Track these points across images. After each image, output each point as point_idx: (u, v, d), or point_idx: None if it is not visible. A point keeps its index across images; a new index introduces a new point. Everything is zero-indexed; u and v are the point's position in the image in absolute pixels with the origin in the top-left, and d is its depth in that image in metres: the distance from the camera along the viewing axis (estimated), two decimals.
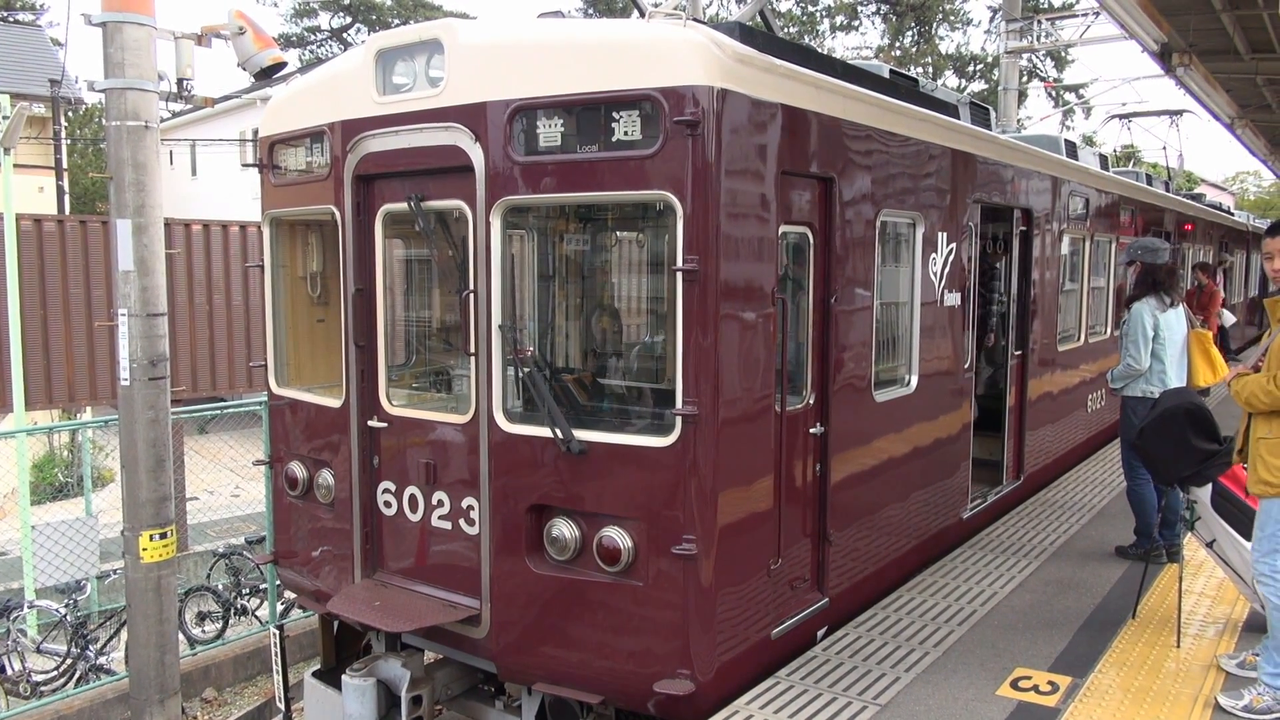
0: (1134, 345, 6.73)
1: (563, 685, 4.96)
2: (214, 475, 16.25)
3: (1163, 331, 6.70)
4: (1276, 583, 4.66)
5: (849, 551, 5.88)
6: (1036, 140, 9.46)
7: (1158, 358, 6.71)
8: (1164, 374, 6.71)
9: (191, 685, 8.61)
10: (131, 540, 7.11)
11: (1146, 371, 6.74)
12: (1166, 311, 6.73)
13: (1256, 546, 4.79)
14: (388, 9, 40.72)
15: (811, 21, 41.31)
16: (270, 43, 7.58)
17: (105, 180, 7.01)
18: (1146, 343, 6.69)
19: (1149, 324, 6.69)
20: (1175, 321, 6.77)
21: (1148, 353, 6.69)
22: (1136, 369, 6.74)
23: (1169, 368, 6.71)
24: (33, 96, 22.81)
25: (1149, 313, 6.71)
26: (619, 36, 4.83)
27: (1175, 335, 6.76)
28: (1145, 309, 6.73)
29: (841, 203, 5.50)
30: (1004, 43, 19.93)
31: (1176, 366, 6.76)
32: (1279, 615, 4.66)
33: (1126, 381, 6.86)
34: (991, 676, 5.17)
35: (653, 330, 5.83)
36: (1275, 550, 4.66)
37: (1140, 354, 6.70)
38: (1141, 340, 6.69)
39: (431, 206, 5.35)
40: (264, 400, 7.18)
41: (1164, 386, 6.62)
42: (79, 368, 12.05)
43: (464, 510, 5.29)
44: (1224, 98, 17.56)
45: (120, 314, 6.98)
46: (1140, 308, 6.76)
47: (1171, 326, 6.74)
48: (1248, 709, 4.68)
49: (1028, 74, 35.47)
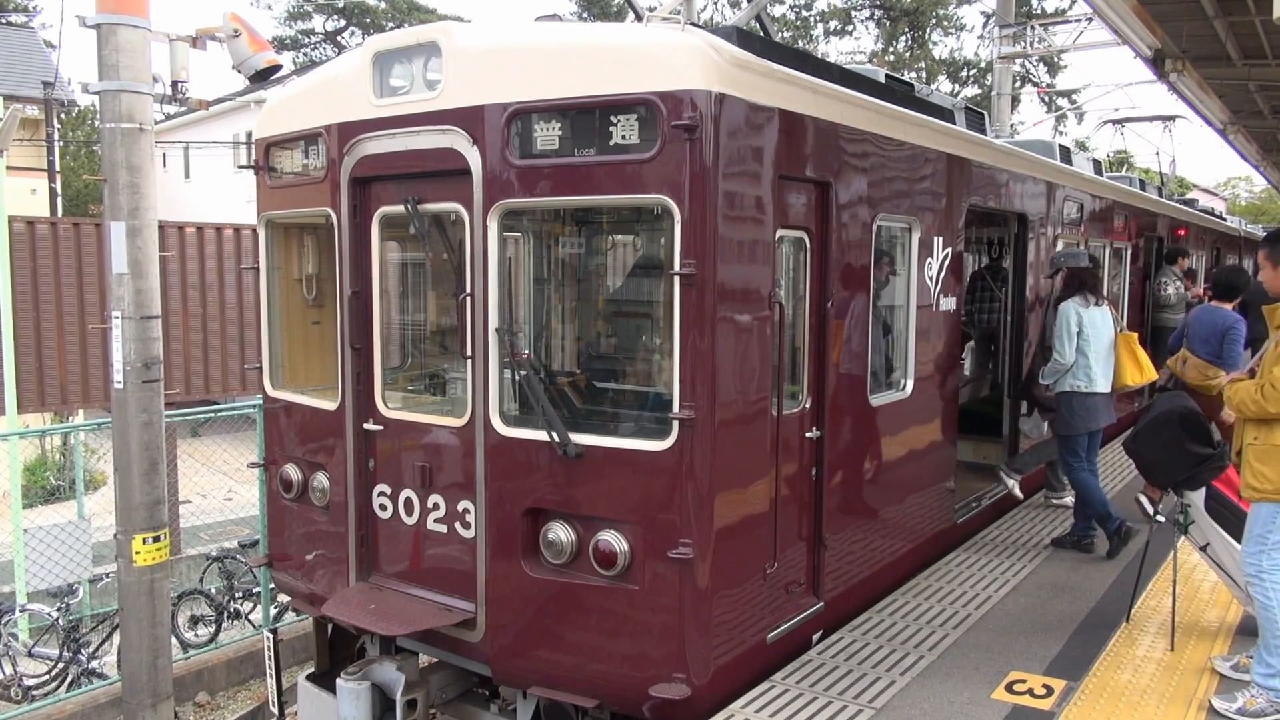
0: (1059, 341, 7.11)
1: (558, 689, 4.95)
2: (207, 478, 16.21)
3: (1086, 328, 7.07)
4: (1264, 583, 4.70)
5: (845, 555, 5.88)
6: (1031, 145, 9.49)
7: (1083, 353, 7.07)
8: (1089, 369, 7.08)
9: (184, 689, 8.58)
10: (124, 544, 7.08)
11: (1073, 366, 7.08)
12: (1090, 309, 7.12)
13: (1245, 547, 4.85)
14: (382, 12, 40.67)
15: (806, 26, 41.39)
16: (265, 45, 7.57)
17: (99, 183, 6.99)
18: (1071, 338, 7.05)
19: (1073, 321, 7.07)
20: (1100, 319, 7.15)
21: (1072, 348, 7.05)
22: (1062, 364, 7.09)
23: (1093, 363, 7.08)
24: (25, 98, 22.74)
25: (1073, 310, 7.09)
26: (616, 40, 4.83)
27: (1100, 332, 7.12)
28: (1070, 307, 7.12)
29: (838, 207, 5.51)
30: (997, 48, 19.97)
31: (1103, 363, 7.14)
32: (1268, 615, 4.70)
33: (1057, 377, 7.21)
34: (986, 680, 5.18)
35: (649, 334, 5.83)
36: (1262, 551, 4.72)
37: (1065, 349, 7.06)
38: (1066, 336, 7.05)
39: (428, 209, 5.35)
40: (258, 403, 7.16)
41: (1089, 381, 7.07)
42: (71, 371, 12.00)
43: (460, 513, 5.28)
44: (1216, 103, 17.62)
45: (114, 317, 6.96)
46: (1066, 306, 7.15)
47: (1095, 324, 7.11)
48: (1241, 711, 4.70)
49: (1021, 79, 35.58)
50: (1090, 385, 7.11)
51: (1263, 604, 4.71)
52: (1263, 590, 4.71)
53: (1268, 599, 4.69)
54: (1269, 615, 4.70)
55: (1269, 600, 4.69)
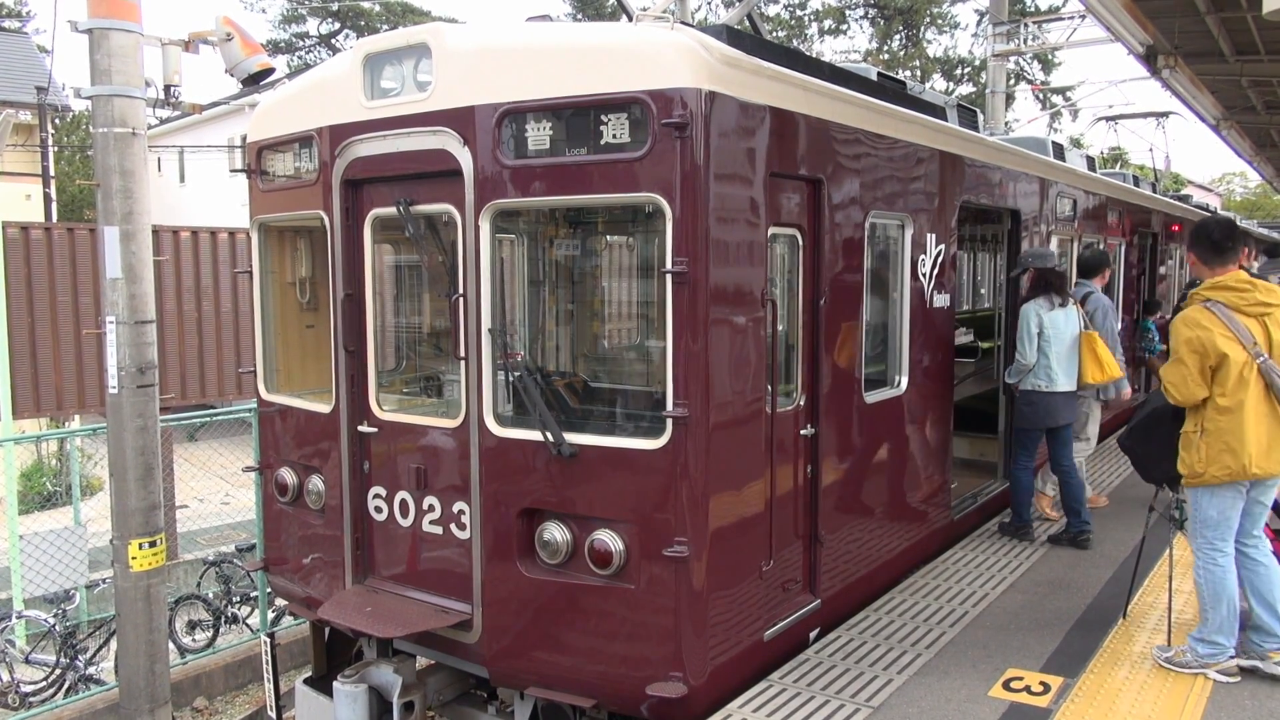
0: (1020, 342, 7.23)
1: (555, 689, 4.94)
2: (204, 483, 16.18)
3: (1048, 329, 7.16)
4: (1201, 562, 5.08)
5: (841, 552, 5.88)
6: (1024, 142, 9.50)
7: (1044, 354, 7.16)
8: (1050, 369, 7.19)
9: (182, 694, 8.56)
10: (120, 549, 7.07)
11: (1034, 366, 7.19)
12: (1054, 311, 7.20)
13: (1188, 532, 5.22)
14: (376, 15, 40.65)
15: (800, 25, 41.41)
16: (258, 49, 7.56)
17: (93, 188, 6.98)
18: (1031, 339, 7.16)
19: (1034, 322, 7.17)
20: (1062, 320, 7.22)
21: (1033, 349, 7.16)
22: (1024, 364, 7.21)
23: (1054, 364, 7.18)
24: (19, 104, 22.73)
25: (1034, 312, 7.20)
26: (607, 40, 4.83)
27: (1062, 333, 7.19)
28: (1032, 309, 7.22)
29: (830, 205, 5.51)
30: (991, 46, 19.99)
31: (1065, 362, 7.22)
32: (1203, 592, 5.07)
33: (1019, 377, 7.31)
34: (984, 677, 5.18)
35: (643, 333, 5.83)
36: (1198, 534, 5.08)
37: (1025, 350, 7.19)
38: (1026, 337, 7.17)
39: (420, 211, 5.34)
40: (253, 407, 7.15)
41: (1050, 381, 7.18)
42: (67, 376, 11.97)
43: (455, 515, 5.27)
44: (1209, 99, 17.63)
45: (108, 321, 6.94)
46: (1027, 308, 7.25)
47: (1058, 325, 7.19)
48: (1170, 660, 5.24)
49: (1015, 77, 35.58)
50: (1051, 385, 7.23)
51: (1198, 583, 5.11)
52: (1198, 570, 5.11)
53: (1198, 576, 5.10)
54: (1199, 590, 5.11)
55: (1199, 578, 5.09)
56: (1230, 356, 4.76)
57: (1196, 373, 4.83)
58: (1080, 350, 7.28)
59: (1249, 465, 4.78)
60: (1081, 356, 7.27)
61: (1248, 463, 4.78)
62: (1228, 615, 5.01)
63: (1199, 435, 4.90)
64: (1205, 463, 4.89)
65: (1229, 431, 4.80)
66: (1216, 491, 4.95)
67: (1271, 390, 4.80)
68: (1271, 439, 4.82)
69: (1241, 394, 4.77)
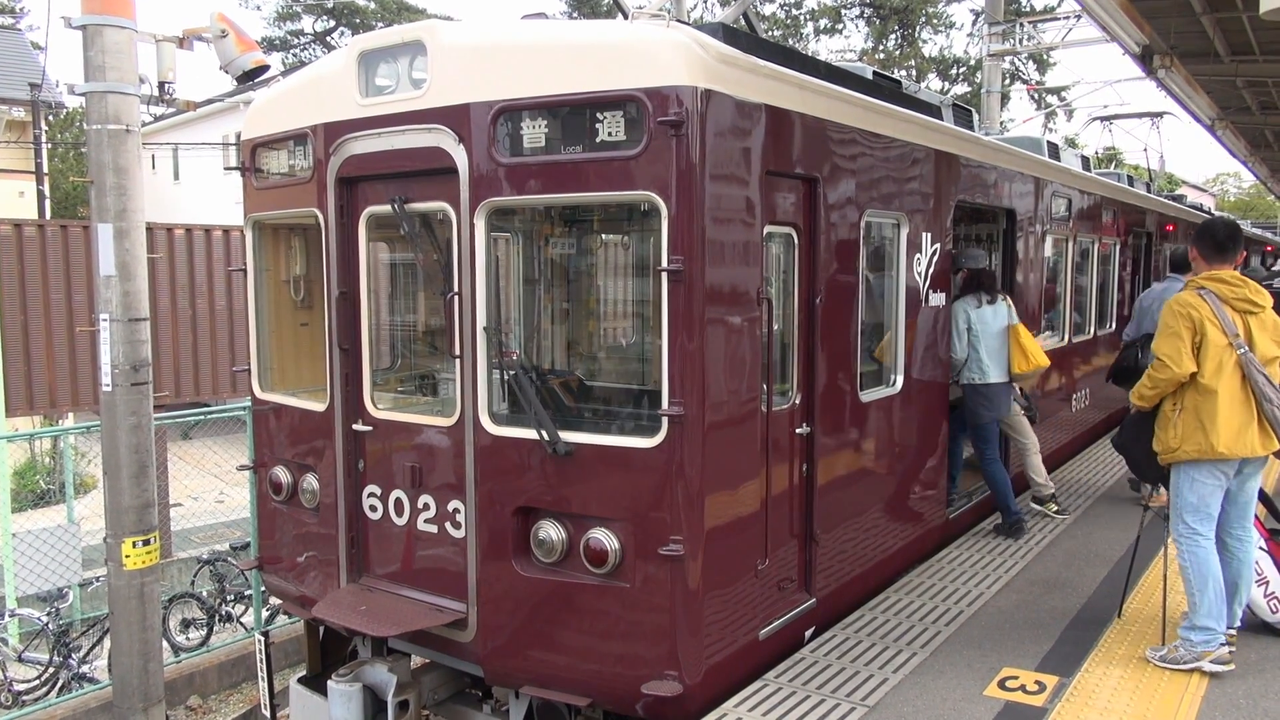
0: (952, 338, 7.52)
1: (550, 688, 4.94)
2: (198, 481, 16.13)
3: (976, 325, 7.54)
4: (1180, 548, 5.14)
5: (836, 551, 5.88)
6: (1019, 142, 9.51)
7: (974, 348, 7.54)
8: (981, 362, 7.55)
9: (176, 693, 8.54)
10: (114, 547, 7.04)
11: (967, 360, 7.54)
12: (982, 307, 7.57)
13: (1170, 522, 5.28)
14: (371, 12, 40.57)
15: (796, 25, 41.43)
16: (253, 46, 7.54)
17: (86, 185, 6.95)
18: (961, 335, 7.54)
19: (961, 320, 7.54)
20: (991, 316, 7.60)
21: (964, 344, 7.53)
22: (956, 358, 7.54)
23: (985, 357, 7.55)
24: (13, 101, 22.66)
25: (963, 310, 7.56)
26: (602, 38, 4.82)
27: (989, 328, 7.58)
28: (960, 306, 7.57)
29: (826, 203, 5.51)
30: (986, 46, 20.03)
31: (995, 356, 7.58)
32: (1189, 576, 5.11)
33: (956, 371, 7.63)
34: (979, 677, 5.18)
35: (638, 332, 5.82)
36: (1178, 520, 5.15)
37: (956, 345, 7.53)
38: (956, 333, 7.52)
39: (415, 209, 5.33)
40: (248, 405, 7.13)
41: (983, 374, 7.53)
42: (60, 373, 11.95)
43: (450, 513, 5.26)
44: (1205, 100, 17.67)
45: (102, 319, 6.92)
46: (957, 305, 7.57)
47: (985, 320, 7.57)
48: (1163, 659, 5.22)
49: (1010, 77, 35.67)
50: (984, 377, 7.55)
51: (1181, 565, 5.16)
52: (1180, 553, 5.15)
53: (1182, 561, 5.14)
54: (1184, 577, 5.15)
55: (1183, 563, 5.14)
56: (1210, 339, 4.94)
57: (1189, 346, 4.97)
58: (1009, 342, 7.60)
59: (1217, 444, 4.92)
60: (1009, 348, 7.60)
61: (1216, 441, 4.92)
62: (1214, 598, 5.08)
63: (1176, 413, 5.06)
64: (1179, 439, 5.03)
65: (1204, 410, 4.95)
66: (1195, 478, 5.08)
67: (1249, 381, 4.95)
68: (1243, 424, 4.96)
69: (1219, 377, 4.93)
